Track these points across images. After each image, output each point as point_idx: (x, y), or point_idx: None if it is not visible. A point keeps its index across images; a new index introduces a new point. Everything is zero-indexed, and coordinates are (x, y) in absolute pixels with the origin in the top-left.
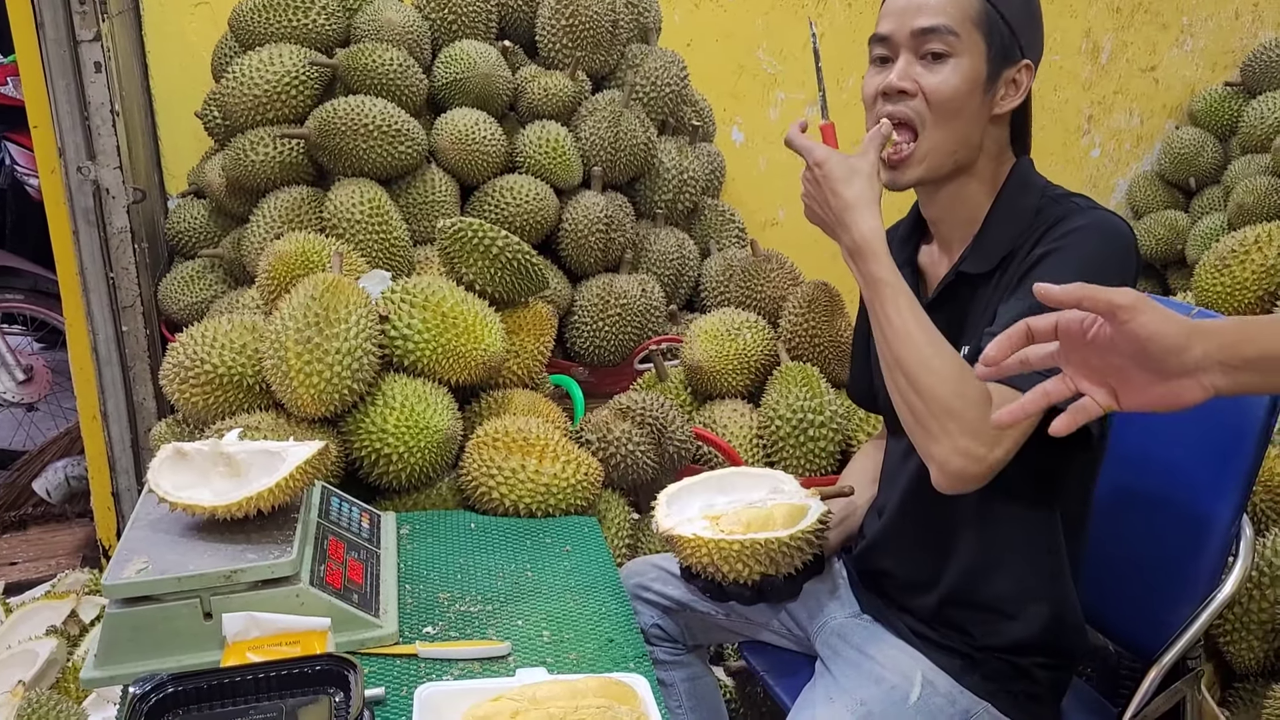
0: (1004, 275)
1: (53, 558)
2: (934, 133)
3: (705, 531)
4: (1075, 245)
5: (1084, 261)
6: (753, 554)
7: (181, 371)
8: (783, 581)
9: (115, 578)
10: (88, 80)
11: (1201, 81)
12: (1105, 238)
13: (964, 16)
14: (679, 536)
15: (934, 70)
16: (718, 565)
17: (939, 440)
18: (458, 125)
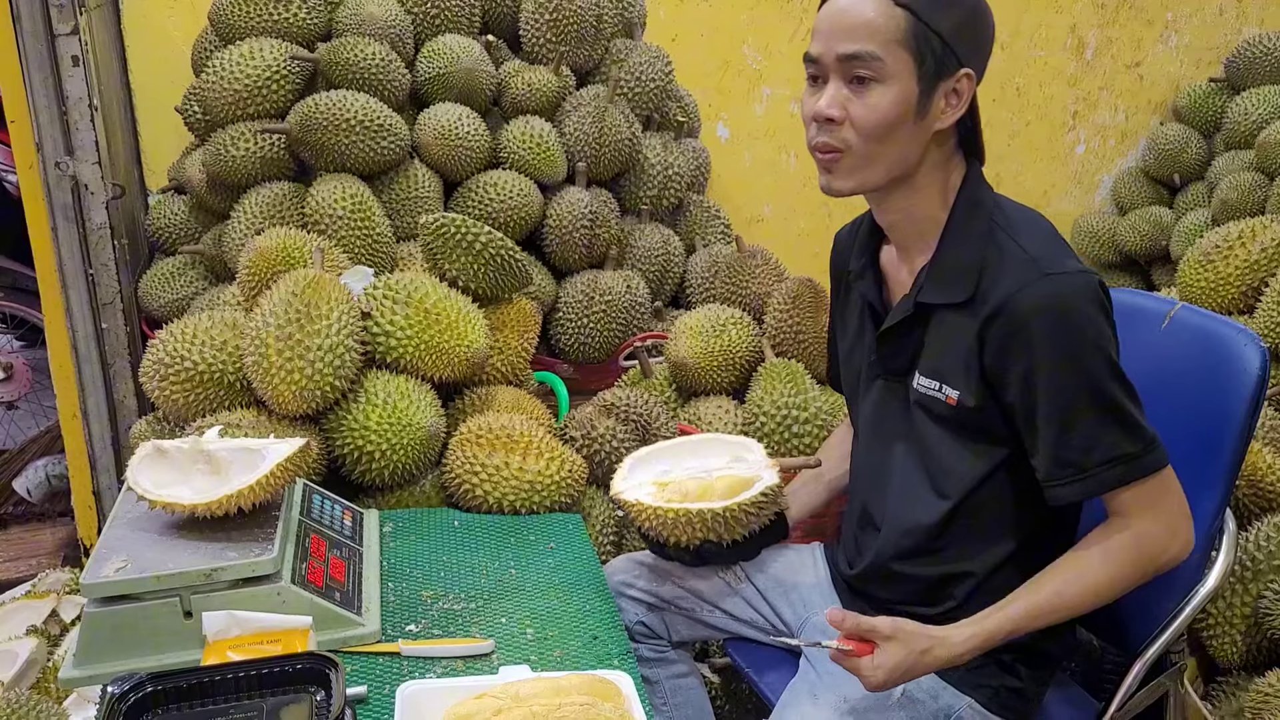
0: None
1: (33, 557)
2: (862, 156)
3: (648, 498)
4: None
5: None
6: (688, 523)
7: (161, 369)
8: (727, 547)
9: (94, 576)
10: (65, 75)
11: (1186, 77)
12: (1075, 329)
13: (889, 38)
14: (624, 500)
15: (861, 96)
16: (658, 531)
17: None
18: (441, 120)
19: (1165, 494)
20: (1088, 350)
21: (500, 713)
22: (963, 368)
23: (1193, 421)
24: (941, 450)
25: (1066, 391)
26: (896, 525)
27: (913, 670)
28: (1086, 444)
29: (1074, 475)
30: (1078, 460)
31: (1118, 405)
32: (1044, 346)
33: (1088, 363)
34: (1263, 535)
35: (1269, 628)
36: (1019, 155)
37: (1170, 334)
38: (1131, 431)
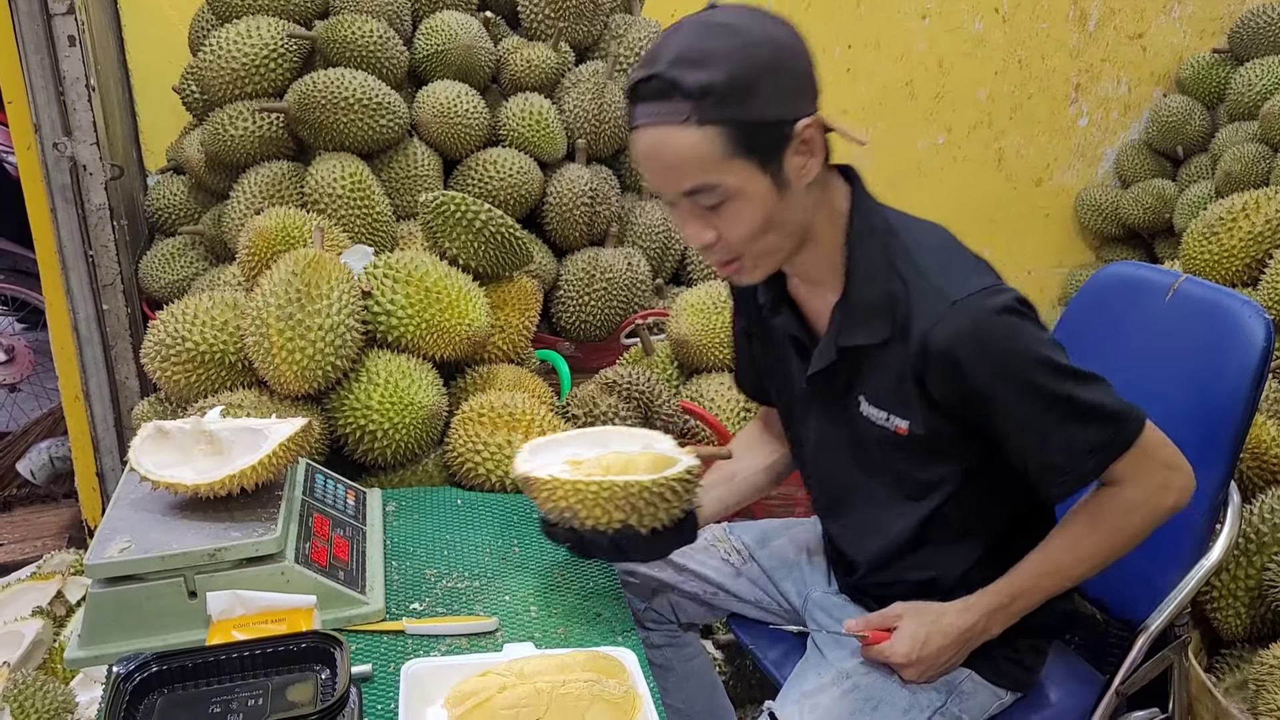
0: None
1: (38, 539)
2: (756, 255)
3: (563, 473)
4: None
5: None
6: (611, 498)
7: (163, 350)
8: (644, 537)
9: (98, 557)
10: (62, 55)
11: (1189, 49)
12: (1002, 350)
13: (715, 161)
14: (535, 479)
15: (721, 215)
16: (575, 509)
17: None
18: (439, 98)
19: (1146, 457)
20: (1022, 365)
21: (505, 690)
22: (906, 400)
23: (1197, 394)
24: (901, 466)
25: (1020, 408)
26: (871, 537)
27: (932, 638)
28: (1059, 447)
29: (1059, 477)
30: (1058, 463)
31: (1074, 402)
32: (979, 374)
33: (1028, 376)
34: (1267, 508)
35: (1273, 600)
36: (1021, 128)
37: (1174, 306)
38: (1097, 420)
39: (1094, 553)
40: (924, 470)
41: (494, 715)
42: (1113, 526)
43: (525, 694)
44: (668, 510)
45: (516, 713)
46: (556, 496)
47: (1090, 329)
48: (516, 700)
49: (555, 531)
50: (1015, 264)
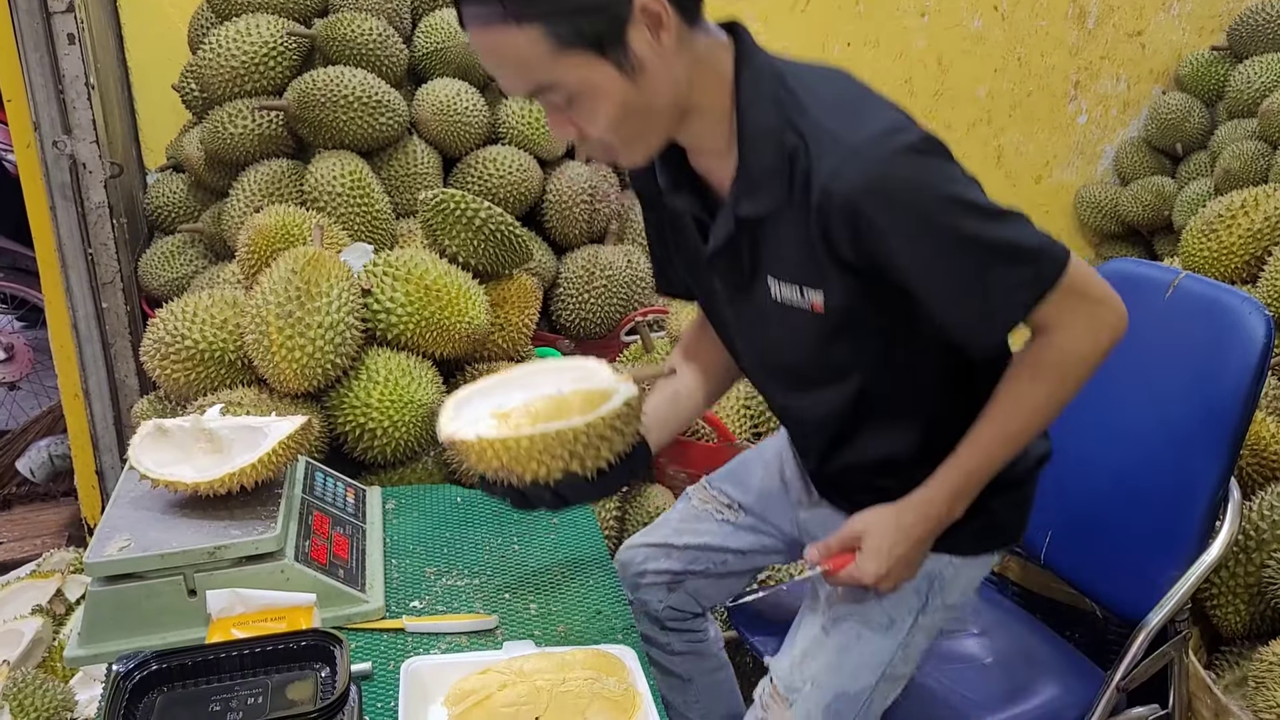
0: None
1: (37, 537)
2: (629, 139)
3: (491, 431)
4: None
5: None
6: (546, 449)
7: (162, 348)
8: (590, 480)
9: (98, 556)
10: (61, 53)
11: (1188, 46)
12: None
13: (542, 58)
14: (462, 442)
15: (575, 112)
16: (510, 468)
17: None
18: (439, 96)
19: (1074, 294)
20: (931, 207)
21: (505, 688)
22: (818, 268)
23: (1196, 391)
24: (823, 346)
25: (932, 255)
26: (811, 426)
27: (896, 546)
28: (981, 290)
29: (984, 326)
30: (979, 308)
31: (991, 240)
32: (886, 222)
33: (938, 219)
34: (1266, 505)
35: (1273, 597)
36: (1021, 126)
37: (1174, 303)
38: (1018, 259)
39: (1041, 406)
40: (846, 346)
41: (494, 713)
42: (1056, 376)
43: (525, 692)
44: (610, 448)
45: (516, 710)
46: (488, 457)
47: None
48: (516, 698)
49: (493, 488)
50: None
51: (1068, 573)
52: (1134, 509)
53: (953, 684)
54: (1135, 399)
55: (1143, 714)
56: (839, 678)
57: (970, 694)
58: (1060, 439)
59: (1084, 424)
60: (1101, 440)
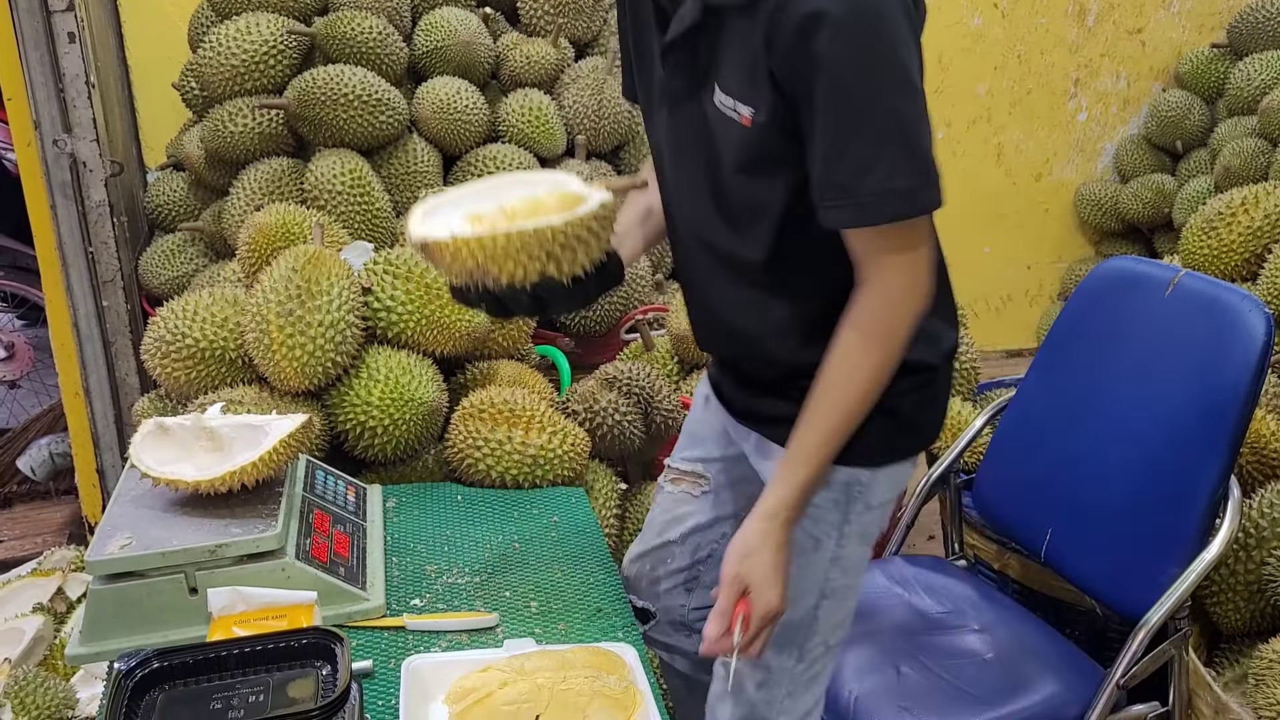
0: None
1: (38, 535)
2: None
3: (464, 231)
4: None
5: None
6: (524, 247)
7: (163, 346)
8: (566, 287)
9: (99, 554)
10: (61, 51)
11: (1188, 43)
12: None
13: None
14: (435, 243)
15: None
16: (485, 268)
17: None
18: (439, 94)
19: (921, 241)
20: (878, 61)
21: (505, 685)
22: (755, 80)
23: (1197, 388)
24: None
25: (850, 104)
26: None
27: (775, 560)
28: (861, 166)
29: (842, 198)
30: (848, 183)
31: (904, 128)
32: (830, 51)
33: (877, 74)
34: (1266, 502)
35: (1273, 595)
36: (1020, 123)
37: (1174, 301)
38: (913, 161)
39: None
40: (763, 181)
41: (494, 711)
42: (884, 332)
43: (526, 690)
44: (587, 253)
45: (517, 709)
46: (462, 257)
47: (1090, 324)
48: (517, 696)
49: (467, 296)
50: (1014, 259)
51: (1068, 570)
52: (1134, 507)
53: (953, 679)
54: (1135, 396)
55: (1143, 711)
56: None
57: (971, 689)
58: (1061, 436)
59: (1084, 421)
60: (1101, 438)
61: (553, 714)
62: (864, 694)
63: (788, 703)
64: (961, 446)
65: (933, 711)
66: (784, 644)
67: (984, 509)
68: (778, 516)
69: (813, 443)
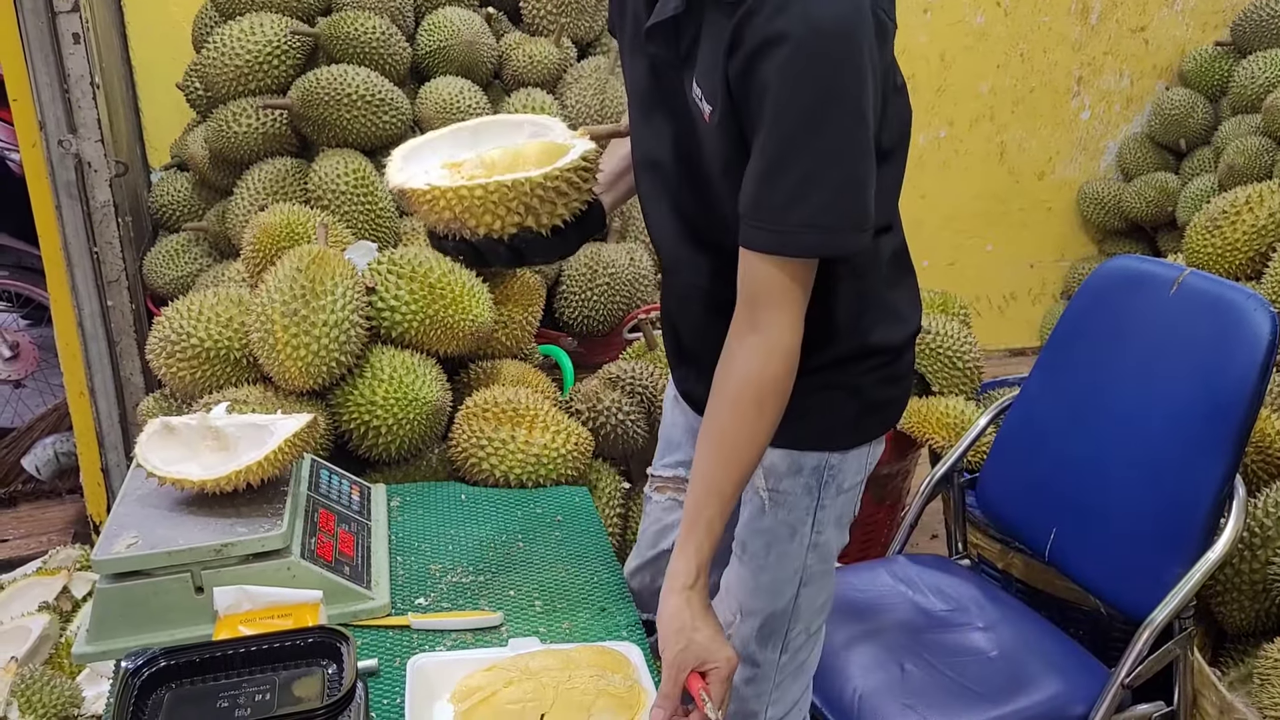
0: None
1: (44, 534)
2: None
3: (443, 180)
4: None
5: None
6: (500, 200)
7: (168, 346)
8: (545, 237)
9: (105, 553)
10: (66, 52)
11: (1192, 42)
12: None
13: None
14: (412, 190)
15: None
16: (462, 220)
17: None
18: (442, 94)
19: (805, 283)
20: (833, 94)
21: (510, 684)
22: (714, 78)
23: (1202, 388)
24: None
25: (796, 132)
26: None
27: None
28: (793, 196)
29: (768, 224)
30: (777, 209)
31: (843, 166)
32: (785, 74)
33: (829, 107)
34: (1271, 502)
35: (1278, 594)
36: (1023, 122)
37: (1179, 300)
38: (845, 201)
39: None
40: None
41: (500, 710)
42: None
43: (530, 689)
44: (566, 204)
45: (522, 707)
46: (439, 208)
47: (1094, 323)
48: (522, 695)
49: (445, 245)
50: (1017, 257)
51: (1072, 570)
52: (1138, 506)
53: (958, 676)
54: (1140, 396)
55: (1148, 711)
56: (762, 598)
57: (975, 687)
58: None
59: (1089, 421)
60: (1106, 437)
61: (558, 713)
62: (868, 692)
63: (776, 694)
64: (965, 446)
65: (937, 709)
66: (768, 637)
67: (988, 508)
68: (694, 585)
69: (708, 513)
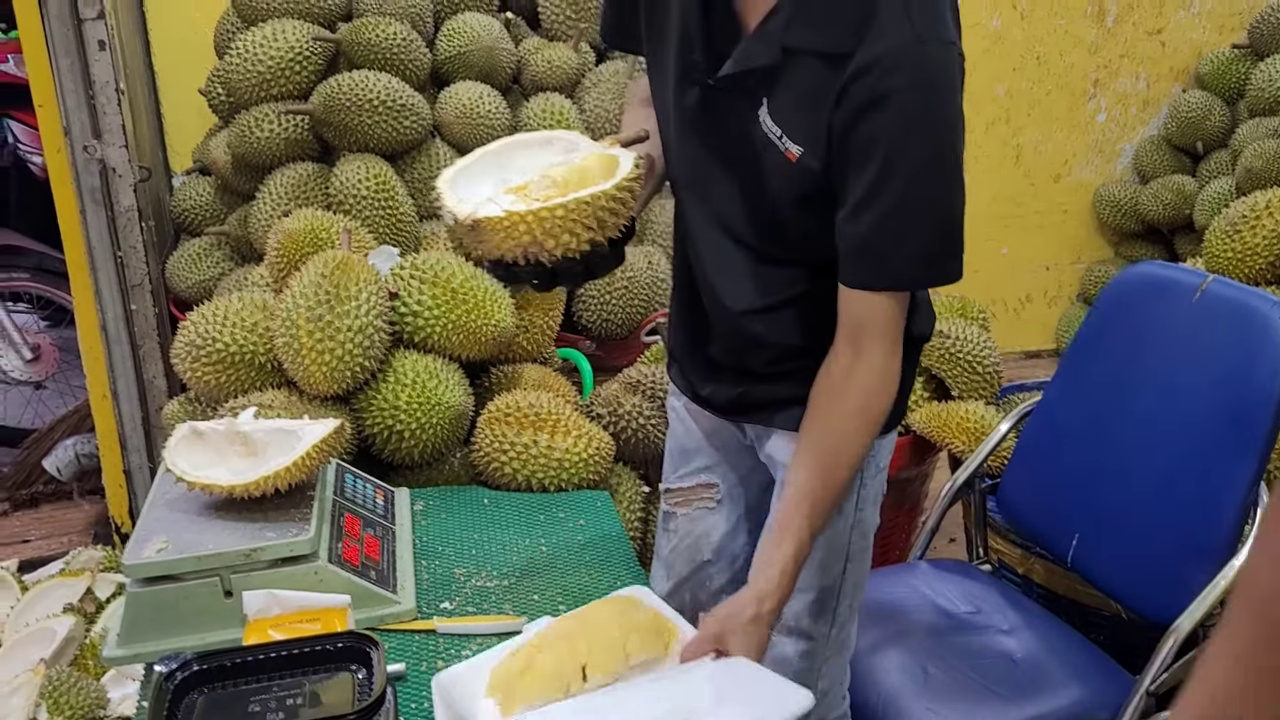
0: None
1: (64, 535)
2: None
3: (518, 205)
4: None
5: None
6: (579, 217)
7: (193, 350)
8: (608, 248)
9: (136, 557)
10: (92, 59)
11: (1209, 44)
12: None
13: None
14: (487, 220)
15: None
16: (541, 242)
17: None
18: (462, 99)
19: (905, 309)
20: (937, 151)
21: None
22: (813, 125)
23: (1226, 394)
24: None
25: (909, 179)
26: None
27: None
28: (904, 236)
29: (879, 264)
30: (889, 252)
31: (945, 211)
32: (901, 128)
33: (934, 164)
34: None
35: None
36: (1039, 125)
37: (1202, 307)
38: (950, 233)
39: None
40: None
41: (542, 679)
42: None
43: (564, 649)
44: (625, 213)
45: (561, 667)
46: (519, 233)
47: (1116, 329)
48: (558, 657)
49: (519, 271)
50: (1033, 260)
51: (1094, 576)
52: (1162, 513)
53: (981, 679)
54: (1163, 402)
55: None
56: (814, 575)
57: (999, 690)
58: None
59: (1111, 427)
60: (1129, 444)
61: (596, 661)
62: (892, 694)
63: (825, 667)
64: (987, 451)
65: (961, 712)
66: (819, 612)
67: (1009, 514)
68: (766, 602)
69: (802, 522)
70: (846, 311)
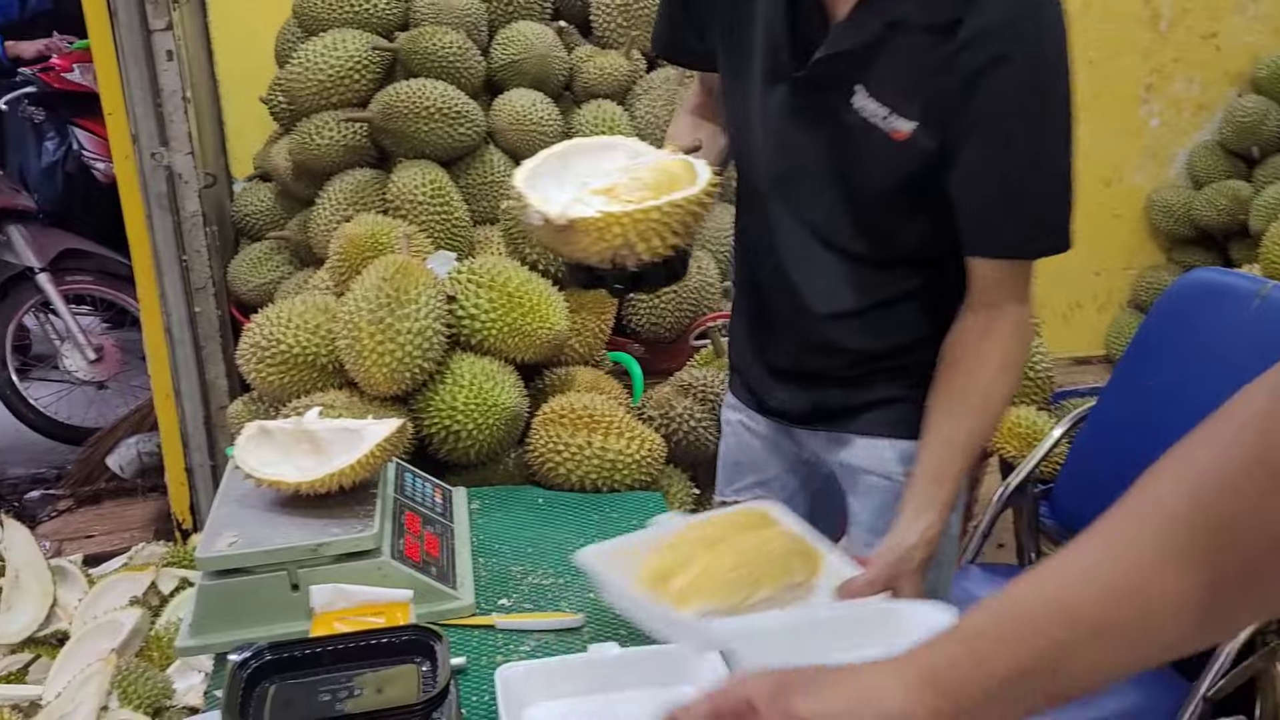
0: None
1: (126, 530)
2: None
3: (612, 206)
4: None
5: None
6: (670, 220)
7: (258, 351)
8: (687, 252)
9: (208, 551)
10: (160, 68)
11: (1265, 48)
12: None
13: None
14: (581, 220)
15: None
16: (632, 244)
17: None
18: (515, 106)
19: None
20: (1055, 111)
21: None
22: (926, 96)
23: None
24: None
25: (1037, 143)
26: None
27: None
28: (1038, 201)
29: (1013, 232)
30: (1025, 218)
31: (1065, 173)
32: (1013, 94)
33: (1061, 112)
34: None
35: None
36: (1090, 129)
37: (1261, 313)
38: (1070, 197)
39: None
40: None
41: (721, 581)
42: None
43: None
44: (703, 218)
45: (738, 575)
46: (612, 235)
47: (1174, 336)
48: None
49: (604, 275)
50: (1084, 265)
51: None
52: None
53: None
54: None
55: None
56: None
57: None
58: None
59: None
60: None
61: (765, 575)
62: None
63: None
64: (1040, 456)
65: None
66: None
67: (1064, 519)
68: (932, 546)
69: (960, 469)
70: (979, 282)
